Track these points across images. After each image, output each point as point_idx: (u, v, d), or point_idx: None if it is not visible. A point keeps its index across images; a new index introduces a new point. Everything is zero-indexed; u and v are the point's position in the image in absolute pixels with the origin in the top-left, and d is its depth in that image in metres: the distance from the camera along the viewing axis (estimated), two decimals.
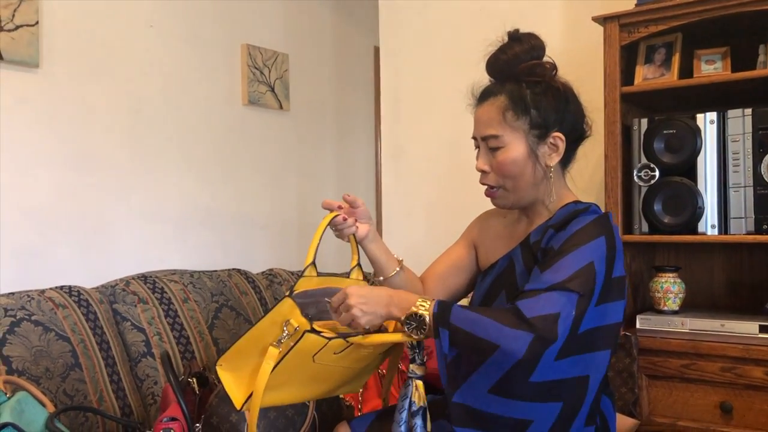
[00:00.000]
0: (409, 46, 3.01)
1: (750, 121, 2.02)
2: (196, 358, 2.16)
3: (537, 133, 1.47)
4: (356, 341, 1.36)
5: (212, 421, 1.69)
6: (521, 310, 1.29)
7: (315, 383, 1.46)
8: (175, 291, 2.25)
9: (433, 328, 1.31)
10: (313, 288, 1.45)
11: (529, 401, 1.31)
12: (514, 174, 1.47)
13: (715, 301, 2.33)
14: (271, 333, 1.34)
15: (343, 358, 1.39)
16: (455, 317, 1.31)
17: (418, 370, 1.38)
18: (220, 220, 2.90)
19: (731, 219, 2.04)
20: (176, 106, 2.74)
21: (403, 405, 1.37)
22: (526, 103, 1.47)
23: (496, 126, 1.47)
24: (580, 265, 1.33)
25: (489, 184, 1.51)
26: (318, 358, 1.36)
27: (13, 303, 1.87)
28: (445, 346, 1.31)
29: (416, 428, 1.35)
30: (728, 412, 1.97)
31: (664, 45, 2.19)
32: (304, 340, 1.31)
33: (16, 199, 2.23)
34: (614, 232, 1.42)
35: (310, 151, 3.37)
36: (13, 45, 2.21)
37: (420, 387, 1.38)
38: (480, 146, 1.52)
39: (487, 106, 1.50)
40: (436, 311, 1.32)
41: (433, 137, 2.95)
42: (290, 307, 1.34)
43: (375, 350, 1.44)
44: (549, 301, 1.30)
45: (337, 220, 1.54)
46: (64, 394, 1.82)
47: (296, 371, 1.37)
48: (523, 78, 1.49)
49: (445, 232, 1.81)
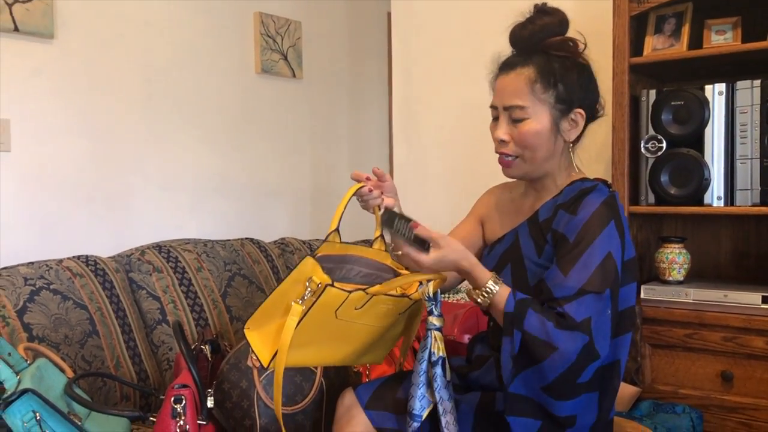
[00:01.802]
0: (421, 12, 3.00)
1: (759, 93, 2.01)
2: (210, 325, 2.22)
3: (561, 108, 1.48)
4: (375, 291, 1.39)
5: (224, 386, 1.75)
6: (569, 314, 1.34)
7: (339, 343, 1.48)
8: (189, 260, 2.31)
9: (506, 328, 1.36)
10: (335, 254, 1.47)
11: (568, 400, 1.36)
12: (534, 145, 1.48)
13: (720, 272, 2.35)
14: (294, 291, 1.37)
15: (364, 314, 1.42)
16: (528, 323, 1.35)
17: (436, 321, 1.41)
18: (234, 189, 2.95)
19: (737, 191, 2.05)
20: (190, 76, 2.77)
21: (423, 356, 1.40)
22: (555, 76, 1.47)
23: (523, 97, 1.47)
24: (599, 260, 1.38)
25: (507, 153, 1.51)
26: (340, 313, 1.39)
27: (32, 272, 1.94)
28: (516, 347, 1.35)
29: (436, 377, 1.39)
30: (729, 380, 2.01)
31: (674, 15, 2.17)
32: (326, 293, 1.34)
33: (33, 169, 2.28)
34: (621, 213, 1.45)
35: (323, 119, 3.38)
36: (28, 16, 2.24)
37: (439, 338, 1.41)
38: (501, 115, 1.52)
39: (513, 75, 1.49)
40: (511, 311, 1.37)
41: (445, 105, 2.96)
42: (312, 265, 1.37)
43: (395, 307, 1.46)
44: (581, 306, 1.35)
45: (363, 191, 1.54)
46: (82, 360, 1.89)
47: (320, 328, 1.40)
48: (552, 51, 1.49)
49: (457, 201, 1.84)
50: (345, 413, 1.57)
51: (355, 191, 1.53)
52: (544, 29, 1.50)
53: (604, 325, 1.36)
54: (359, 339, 1.50)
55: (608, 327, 1.37)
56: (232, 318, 2.29)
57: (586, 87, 1.51)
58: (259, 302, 2.35)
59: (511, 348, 1.36)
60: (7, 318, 1.80)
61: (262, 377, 1.74)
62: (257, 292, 2.41)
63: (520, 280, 1.51)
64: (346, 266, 1.48)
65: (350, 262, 1.49)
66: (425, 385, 1.40)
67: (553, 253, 1.46)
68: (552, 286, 1.39)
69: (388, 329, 1.53)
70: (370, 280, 1.51)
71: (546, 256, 1.48)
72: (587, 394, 1.38)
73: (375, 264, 1.54)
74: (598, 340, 1.34)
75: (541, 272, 1.47)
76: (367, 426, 1.53)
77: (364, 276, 1.51)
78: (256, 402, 1.73)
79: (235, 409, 1.74)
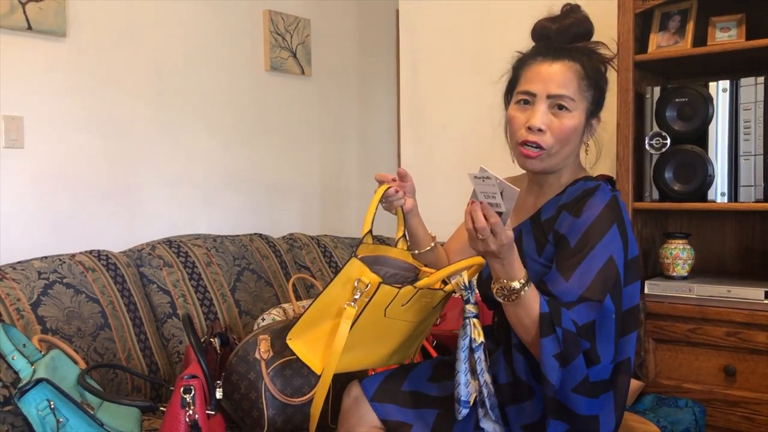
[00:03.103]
0: (429, 9, 3.03)
1: (762, 90, 2.03)
2: (219, 319, 2.26)
3: (593, 110, 1.50)
4: (422, 284, 1.43)
5: (232, 378, 1.78)
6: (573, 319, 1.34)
7: (378, 343, 1.52)
8: (199, 255, 2.35)
9: (546, 328, 1.33)
10: (370, 254, 1.50)
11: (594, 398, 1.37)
12: (569, 141, 1.47)
13: (725, 268, 2.36)
14: (343, 294, 1.41)
15: (408, 310, 1.46)
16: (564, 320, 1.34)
17: (473, 309, 1.42)
18: (244, 185, 2.98)
19: (741, 187, 2.06)
20: (200, 73, 2.80)
21: (464, 343, 1.42)
22: (597, 78, 1.49)
23: (572, 89, 1.45)
24: (600, 265, 1.37)
25: (539, 144, 1.46)
26: (389, 311, 1.42)
27: (46, 266, 1.98)
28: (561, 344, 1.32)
29: (478, 362, 1.41)
30: (732, 375, 2.03)
31: (678, 12, 2.19)
32: (379, 292, 1.37)
33: (46, 165, 2.32)
34: (623, 215, 1.45)
35: (331, 116, 3.41)
36: (41, 15, 2.28)
37: (477, 324, 1.42)
38: (539, 103, 1.46)
39: (563, 65, 1.46)
40: (547, 311, 1.34)
41: (452, 102, 2.98)
42: (359, 266, 1.40)
43: (431, 300, 1.50)
44: (581, 312, 1.35)
45: (389, 192, 1.55)
46: (94, 352, 1.93)
47: (369, 330, 1.43)
48: (593, 54, 1.50)
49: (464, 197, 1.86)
50: (351, 405, 1.60)
51: (383, 192, 1.55)
52: (587, 33, 1.51)
53: (607, 332, 1.37)
54: (396, 337, 1.54)
55: (611, 332, 1.37)
56: (241, 312, 2.33)
57: (604, 94, 1.53)
58: (267, 296, 2.40)
59: (557, 346, 1.32)
60: (21, 311, 1.84)
61: (269, 369, 1.77)
62: (266, 287, 2.45)
63: None
64: (376, 267, 1.51)
65: (380, 263, 1.52)
66: (469, 372, 1.42)
67: (554, 253, 1.46)
68: (555, 292, 1.39)
69: (419, 325, 1.57)
70: (396, 280, 1.55)
71: (547, 255, 1.48)
72: (604, 393, 1.39)
73: (399, 263, 1.57)
74: (600, 345, 1.35)
75: (542, 271, 1.47)
76: (372, 418, 1.56)
77: (391, 276, 1.55)
78: (264, 393, 1.76)
79: (243, 401, 1.77)
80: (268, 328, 1.84)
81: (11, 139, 2.23)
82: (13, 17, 2.21)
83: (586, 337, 1.34)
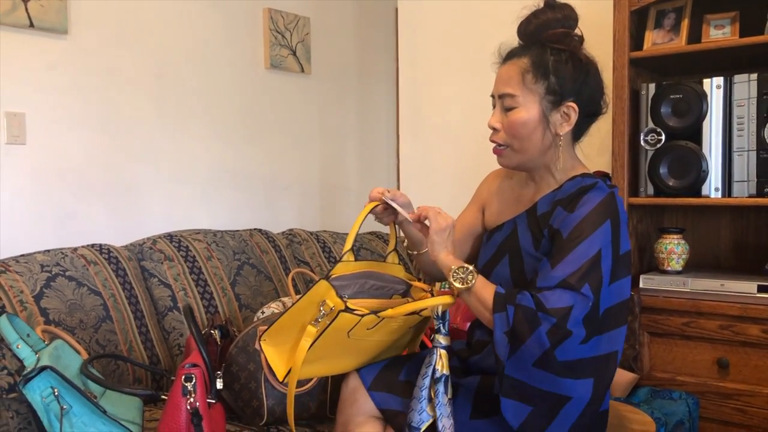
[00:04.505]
0: (427, 8, 3.05)
1: (755, 86, 2.05)
2: (219, 312, 2.28)
3: (551, 99, 1.50)
4: (387, 315, 1.45)
5: (232, 369, 1.81)
6: (541, 301, 1.38)
7: (351, 356, 1.56)
8: (199, 249, 2.37)
9: (498, 304, 1.41)
10: (350, 272, 1.52)
11: (565, 378, 1.39)
12: (522, 135, 1.51)
13: (719, 262, 2.39)
14: (309, 312, 1.44)
15: (376, 332, 1.49)
16: (520, 298, 1.39)
17: (443, 339, 1.47)
18: (244, 182, 3.01)
19: (735, 182, 2.09)
20: (200, 70, 2.83)
21: (427, 372, 1.46)
22: (546, 68, 1.49)
23: (513, 85, 1.50)
24: (587, 257, 1.40)
25: (497, 142, 1.55)
26: (353, 333, 1.46)
27: (49, 259, 2.00)
28: (510, 321, 1.38)
29: (438, 394, 1.44)
30: (725, 367, 2.05)
31: (673, 10, 2.21)
32: (339, 318, 1.40)
33: (48, 162, 2.35)
34: (619, 211, 1.47)
35: (331, 114, 3.44)
36: (43, 12, 2.30)
37: (444, 356, 1.46)
38: (496, 104, 1.56)
39: (509, 65, 1.53)
40: (503, 291, 1.42)
41: (451, 100, 3.00)
42: (326, 288, 1.43)
43: (405, 323, 1.53)
44: (561, 297, 1.38)
45: (377, 210, 1.58)
46: (96, 344, 1.96)
47: (333, 346, 1.47)
48: (549, 44, 1.51)
49: (462, 194, 1.88)
50: (350, 395, 1.62)
51: (369, 211, 1.57)
52: (547, 23, 1.52)
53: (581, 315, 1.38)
54: (369, 352, 1.58)
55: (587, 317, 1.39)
56: (241, 305, 2.35)
57: (581, 81, 1.51)
58: (267, 290, 2.42)
59: (506, 322, 1.38)
60: (24, 303, 1.86)
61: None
62: (265, 281, 2.47)
63: (517, 272, 1.55)
64: (360, 280, 1.53)
65: (364, 276, 1.54)
66: (426, 400, 1.46)
67: (549, 248, 1.49)
68: (539, 277, 1.43)
69: (398, 340, 1.61)
70: (383, 293, 1.57)
71: (543, 250, 1.51)
72: (582, 380, 1.40)
73: (388, 277, 1.59)
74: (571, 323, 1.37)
75: (537, 264, 1.50)
76: (371, 407, 1.59)
77: (377, 288, 1.57)
78: (264, 384, 1.79)
79: (243, 391, 1.80)
80: (267, 320, 1.87)
81: (13, 135, 2.25)
82: (15, 14, 2.23)
83: (555, 315, 1.36)
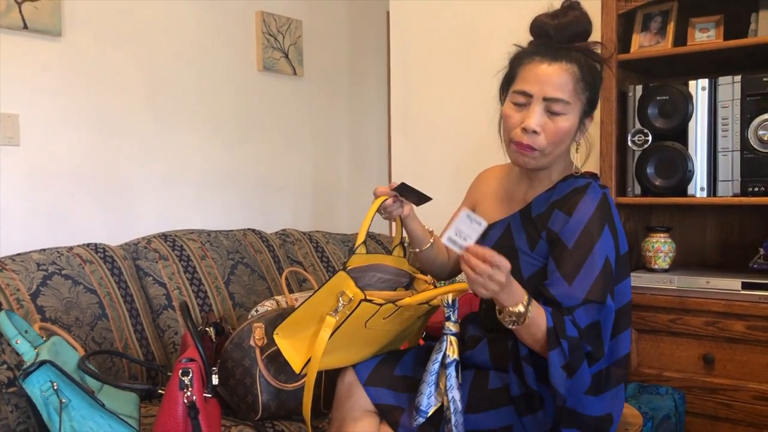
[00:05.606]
0: (419, 11, 3.09)
1: (739, 88, 2.10)
2: (213, 310, 2.30)
3: (586, 110, 1.51)
4: (404, 303, 1.49)
5: (227, 365, 1.83)
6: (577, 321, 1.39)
7: (363, 347, 1.60)
8: (194, 249, 2.40)
9: (552, 341, 1.37)
10: (361, 265, 1.55)
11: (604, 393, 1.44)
12: (562, 142, 1.48)
13: (706, 261, 2.43)
14: (327, 303, 1.47)
15: (390, 322, 1.53)
16: (568, 329, 1.38)
17: (453, 327, 1.50)
18: (237, 183, 3.03)
19: (719, 182, 2.13)
20: (193, 73, 2.85)
21: (437, 357, 1.49)
22: (593, 79, 1.48)
23: (568, 93, 1.45)
24: (600, 267, 1.42)
25: (533, 146, 1.47)
26: (370, 323, 1.49)
27: (45, 258, 2.02)
28: (567, 354, 1.36)
29: (450, 378, 1.46)
30: (710, 363, 2.10)
31: (660, 13, 2.26)
32: (360, 308, 1.43)
33: (42, 163, 2.36)
34: (613, 212, 1.50)
35: (323, 116, 3.47)
36: (37, 14, 2.32)
37: (454, 342, 1.48)
38: (535, 104, 1.46)
39: (560, 68, 1.45)
40: (552, 325, 1.37)
41: (442, 102, 3.03)
42: (344, 279, 1.46)
43: (415, 313, 1.58)
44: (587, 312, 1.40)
45: (387, 203, 1.60)
46: (92, 342, 1.97)
47: (350, 336, 1.50)
48: (590, 55, 1.49)
49: (454, 194, 1.92)
50: (346, 390, 1.63)
51: (380, 204, 1.59)
52: (575, 23, 1.48)
53: (605, 330, 1.43)
54: (379, 342, 1.61)
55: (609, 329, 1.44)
56: (235, 304, 2.38)
57: (598, 96, 1.54)
58: (261, 289, 2.45)
59: (563, 357, 1.36)
60: (21, 301, 1.88)
61: (264, 356, 1.82)
62: (259, 280, 2.50)
63: (513, 272, 1.55)
64: (368, 273, 1.56)
65: (372, 269, 1.58)
66: (435, 385, 1.49)
67: (547, 251, 1.50)
68: (558, 296, 1.42)
69: (405, 329, 1.65)
70: (389, 285, 1.61)
71: (540, 251, 1.52)
72: (612, 390, 1.46)
73: (393, 270, 1.63)
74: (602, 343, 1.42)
75: (533, 264, 1.52)
76: (366, 402, 1.60)
77: (384, 282, 1.60)
78: (259, 379, 1.81)
79: (238, 386, 1.82)
80: (262, 316, 1.90)
81: (7, 136, 2.27)
82: (9, 16, 2.24)
83: (589, 339, 1.39)
